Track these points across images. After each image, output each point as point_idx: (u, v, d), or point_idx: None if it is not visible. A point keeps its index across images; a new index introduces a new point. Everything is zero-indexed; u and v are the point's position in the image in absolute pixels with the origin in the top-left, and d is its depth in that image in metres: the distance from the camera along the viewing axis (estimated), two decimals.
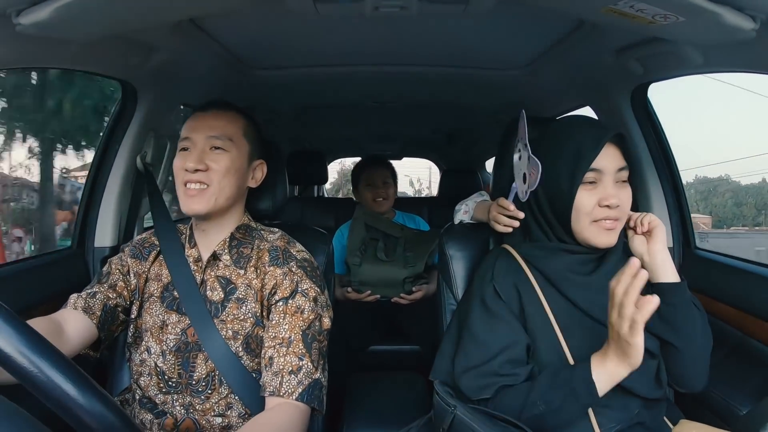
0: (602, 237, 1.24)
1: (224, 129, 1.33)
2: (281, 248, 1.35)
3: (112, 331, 1.34)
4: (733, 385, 1.47)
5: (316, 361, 1.21)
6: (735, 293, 1.56)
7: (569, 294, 1.25)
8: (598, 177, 1.23)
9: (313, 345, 1.22)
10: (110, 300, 1.32)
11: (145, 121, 1.89)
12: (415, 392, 1.98)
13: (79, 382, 0.61)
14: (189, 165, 1.27)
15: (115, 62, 1.59)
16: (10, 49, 1.17)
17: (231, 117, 1.36)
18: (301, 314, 1.25)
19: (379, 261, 2.74)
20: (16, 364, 0.59)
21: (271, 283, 1.29)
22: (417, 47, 1.87)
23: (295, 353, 1.20)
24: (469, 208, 1.60)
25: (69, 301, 1.31)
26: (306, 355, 1.20)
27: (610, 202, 1.21)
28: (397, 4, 1.28)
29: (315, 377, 1.20)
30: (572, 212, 1.24)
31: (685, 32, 1.18)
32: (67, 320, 1.24)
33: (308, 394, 1.17)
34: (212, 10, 1.36)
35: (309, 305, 1.26)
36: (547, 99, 2.41)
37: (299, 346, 1.21)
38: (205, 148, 1.30)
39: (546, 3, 1.19)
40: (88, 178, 1.92)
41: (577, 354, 1.19)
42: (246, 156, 1.37)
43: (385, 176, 3.05)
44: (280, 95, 2.63)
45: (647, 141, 1.86)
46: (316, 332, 1.25)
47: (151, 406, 1.29)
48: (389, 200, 3.03)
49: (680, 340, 1.21)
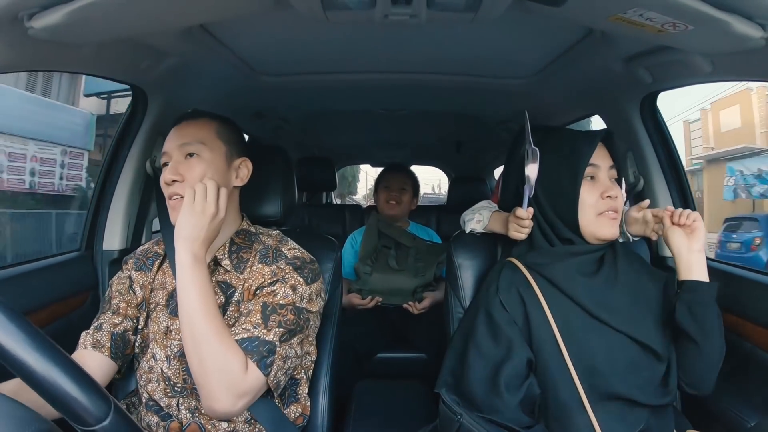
0: (607, 228, 1.30)
1: (195, 134, 1.32)
2: (272, 247, 1.36)
3: (128, 355, 1.35)
4: (741, 396, 1.47)
5: (273, 329, 1.19)
6: (745, 304, 1.54)
7: (576, 296, 1.27)
8: (595, 172, 1.31)
9: (272, 317, 1.20)
10: (116, 327, 1.33)
11: (154, 125, 1.90)
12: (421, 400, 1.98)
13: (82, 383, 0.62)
14: (167, 177, 1.28)
15: (126, 67, 1.60)
16: (22, 52, 1.18)
17: (201, 122, 1.36)
18: (272, 295, 1.24)
19: (391, 269, 2.75)
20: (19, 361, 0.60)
21: (258, 281, 1.29)
22: (426, 55, 1.87)
23: (251, 322, 1.20)
24: (483, 218, 1.60)
25: (80, 341, 1.32)
26: (261, 324, 1.19)
27: (611, 193, 1.29)
28: (407, 12, 1.29)
29: (265, 338, 1.18)
30: (578, 207, 1.29)
31: (694, 41, 1.18)
32: (82, 362, 1.24)
33: (249, 343, 1.16)
34: (222, 17, 1.36)
35: (283, 291, 1.25)
36: (556, 108, 2.41)
37: (257, 316, 1.20)
38: (179, 158, 1.31)
39: (554, 12, 1.19)
40: (98, 182, 1.93)
41: (577, 363, 1.20)
42: (223, 157, 1.35)
43: (403, 182, 3.06)
44: (289, 102, 2.64)
45: (656, 150, 1.86)
46: (277, 306, 1.22)
47: (157, 409, 1.29)
48: (402, 206, 3.03)
49: (703, 338, 1.24)
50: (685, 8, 1.01)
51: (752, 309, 1.52)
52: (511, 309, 1.28)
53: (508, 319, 1.27)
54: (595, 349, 1.22)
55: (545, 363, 1.23)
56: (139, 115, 1.89)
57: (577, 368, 1.20)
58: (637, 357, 1.23)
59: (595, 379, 1.20)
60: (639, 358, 1.24)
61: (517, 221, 1.39)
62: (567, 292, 1.28)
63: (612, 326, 1.24)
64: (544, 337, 1.25)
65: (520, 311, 1.28)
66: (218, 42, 1.67)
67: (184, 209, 1.21)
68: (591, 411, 1.17)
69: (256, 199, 1.55)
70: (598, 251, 1.33)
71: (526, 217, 1.36)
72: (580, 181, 1.29)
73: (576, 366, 1.21)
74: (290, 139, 3.63)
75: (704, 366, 1.27)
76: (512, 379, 1.20)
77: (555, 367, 1.22)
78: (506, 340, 1.24)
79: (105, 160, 1.94)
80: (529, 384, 1.21)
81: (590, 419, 1.17)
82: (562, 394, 1.20)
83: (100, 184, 1.92)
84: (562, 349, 1.22)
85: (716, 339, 1.25)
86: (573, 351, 1.22)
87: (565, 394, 1.20)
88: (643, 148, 1.86)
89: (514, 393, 1.18)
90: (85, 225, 1.92)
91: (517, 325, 1.27)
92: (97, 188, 1.93)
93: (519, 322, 1.27)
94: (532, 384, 1.22)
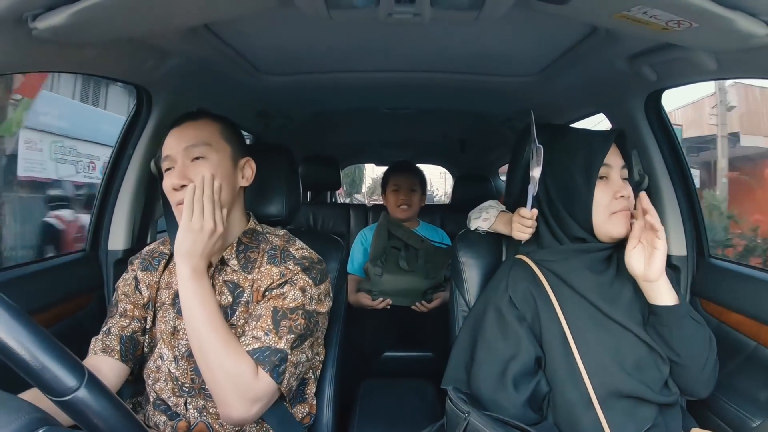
0: (621, 227, 1.30)
1: (200, 136, 1.31)
2: (280, 247, 1.36)
3: (138, 356, 1.36)
4: (746, 395, 1.46)
5: (284, 336, 1.21)
6: (749, 302, 1.54)
7: (586, 293, 1.27)
8: (608, 172, 1.31)
9: (282, 323, 1.21)
10: (124, 330, 1.33)
11: (159, 125, 1.90)
12: (428, 399, 1.98)
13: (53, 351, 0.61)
14: (174, 182, 1.27)
15: (130, 67, 1.60)
16: (27, 53, 1.18)
17: (204, 123, 1.35)
18: (282, 298, 1.25)
19: (401, 270, 2.74)
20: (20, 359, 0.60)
21: (267, 282, 1.29)
22: (430, 54, 1.87)
23: (262, 328, 1.20)
24: (490, 216, 1.60)
25: (90, 347, 1.33)
26: (272, 330, 1.20)
27: (624, 192, 1.29)
28: (411, 10, 1.28)
29: (278, 346, 1.19)
30: (592, 207, 1.29)
31: (699, 38, 1.18)
32: (95, 367, 1.26)
33: (261, 354, 1.17)
34: (226, 16, 1.36)
35: (293, 293, 1.26)
36: (561, 106, 2.40)
37: (267, 321, 1.21)
38: (185, 161, 1.29)
39: (558, 10, 1.19)
40: (103, 181, 1.93)
41: (586, 360, 1.20)
42: (229, 158, 1.35)
43: (412, 183, 3.04)
44: (293, 101, 2.64)
45: (661, 148, 1.85)
46: (288, 311, 1.23)
47: (164, 408, 1.30)
48: (413, 207, 3.01)
49: (677, 356, 1.24)
50: (689, 5, 1.00)
51: (756, 307, 1.51)
52: (521, 306, 1.29)
53: (518, 316, 1.27)
54: (604, 347, 1.22)
55: (554, 360, 1.23)
56: (143, 115, 1.89)
57: (587, 366, 1.20)
58: (644, 356, 1.23)
59: (604, 376, 1.20)
60: (646, 357, 1.24)
61: (520, 221, 1.39)
62: (577, 289, 1.28)
63: (621, 324, 1.24)
64: (553, 334, 1.25)
65: (530, 308, 1.29)
66: (222, 42, 1.67)
67: (182, 226, 1.22)
68: (600, 409, 1.17)
69: (260, 198, 1.55)
70: (607, 249, 1.33)
71: (530, 217, 1.36)
72: (594, 181, 1.29)
73: (585, 363, 1.21)
74: (294, 138, 3.63)
75: (693, 378, 1.27)
76: (520, 376, 1.20)
77: (564, 364, 1.22)
78: (515, 336, 1.25)
79: (109, 160, 1.94)
80: (538, 381, 1.21)
81: (599, 417, 1.17)
82: (570, 392, 1.20)
83: (104, 184, 1.92)
84: (571, 346, 1.22)
85: (696, 354, 1.25)
86: (582, 348, 1.22)
87: (573, 392, 1.20)
88: (648, 147, 1.86)
89: (521, 390, 1.18)
90: (90, 224, 1.93)
91: (526, 321, 1.27)
92: (101, 188, 1.93)
93: (528, 319, 1.28)
94: (541, 381, 1.22)
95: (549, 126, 1.43)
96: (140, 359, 1.37)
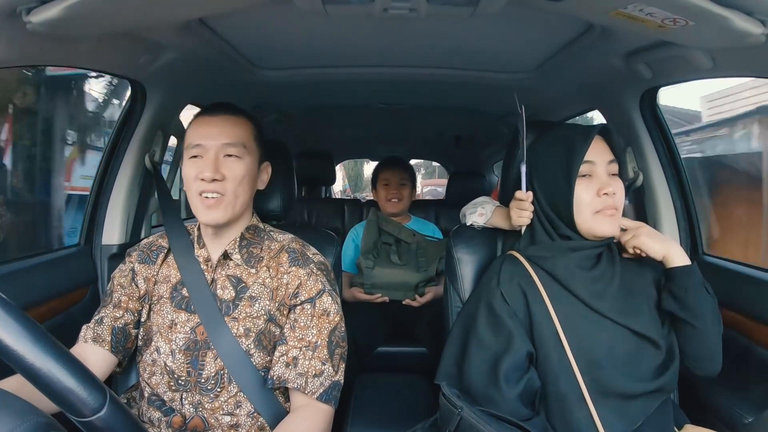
0: (605, 226, 1.28)
1: (238, 136, 1.31)
2: (298, 250, 1.36)
3: (128, 349, 1.36)
4: (739, 392, 1.47)
5: (337, 365, 1.28)
6: (743, 300, 1.55)
7: (576, 291, 1.27)
8: (591, 169, 1.29)
9: (336, 351, 1.28)
10: (117, 320, 1.33)
11: (153, 119, 1.90)
12: (421, 394, 1.97)
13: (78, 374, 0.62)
14: (206, 174, 1.26)
15: (125, 61, 1.59)
16: (21, 47, 1.17)
17: (242, 122, 1.35)
18: (327, 316, 1.29)
19: (393, 264, 2.74)
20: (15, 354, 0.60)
21: (295, 283, 1.30)
22: (425, 49, 1.86)
23: (320, 358, 1.26)
24: (486, 211, 1.59)
25: (80, 334, 1.32)
26: (328, 360, 1.26)
27: (608, 190, 1.27)
28: (406, 6, 1.28)
29: (335, 379, 1.26)
30: (573, 207, 1.28)
31: (694, 36, 1.18)
32: (82, 355, 1.26)
33: (327, 394, 1.24)
34: (221, 10, 1.36)
35: (335, 308, 1.31)
36: (556, 102, 2.41)
37: (324, 351, 1.26)
38: (218, 155, 1.28)
39: (554, 7, 1.19)
40: (97, 176, 1.93)
41: (578, 356, 1.20)
42: (256, 161, 1.37)
43: (402, 177, 3.04)
44: (288, 96, 2.63)
45: (656, 146, 1.86)
46: (340, 339, 1.31)
47: (159, 403, 1.29)
48: (403, 201, 3.02)
49: (694, 318, 1.25)
50: (685, 3, 1.01)
51: (750, 305, 1.52)
52: (513, 302, 1.28)
53: (509, 312, 1.27)
54: (595, 343, 1.22)
55: (546, 356, 1.23)
56: (137, 109, 1.88)
57: (579, 362, 1.21)
58: (636, 349, 1.24)
59: (596, 372, 1.20)
60: (638, 349, 1.24)
61: (518, 205, 1.39)
62: (567, 286, 1.28)
63: (611, 319, 1.25)
64: (545, 330, 1.25)
65: (522, 304, 1.28)
66: (217, 36, 1.66)
67: None
68: (592, 404, 1.18)
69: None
70: (598, 247, 1.32)
71: (527, 198, 1.36)
72: (574, 180, 1.27)
73: (577, 359, 1.21)
74: (290, 134, 3.62)
75: (705, 346, 1.28)
76: (512, 371, 1.20)
77: (556, 360, 1.22)
78: (507, 332, 1.25)
79: (103, 154, 1.93)
80: (529, 377, 1.21)
81: (591, 413, 1.17)
82: (562, 388, 1.21)
83: (98, 178, 1.92)
84: (563, 342, 1.23)
85: (709, 318, 1.26)
86: (574, 344, 1.22)
87: (565, 388, 1.20)
88: (643, 144, 1.86)
89: (513, 385, 1.19)
90: (84, 219, 1.92)
91: (517, 317, 1.27)
92: (95, 183, 1.93)
93: (520, 315, 1.27)
94: (532, 377, 1.22)
95: (538, 122, 1.43)
96: (129, 352, 1.37)
